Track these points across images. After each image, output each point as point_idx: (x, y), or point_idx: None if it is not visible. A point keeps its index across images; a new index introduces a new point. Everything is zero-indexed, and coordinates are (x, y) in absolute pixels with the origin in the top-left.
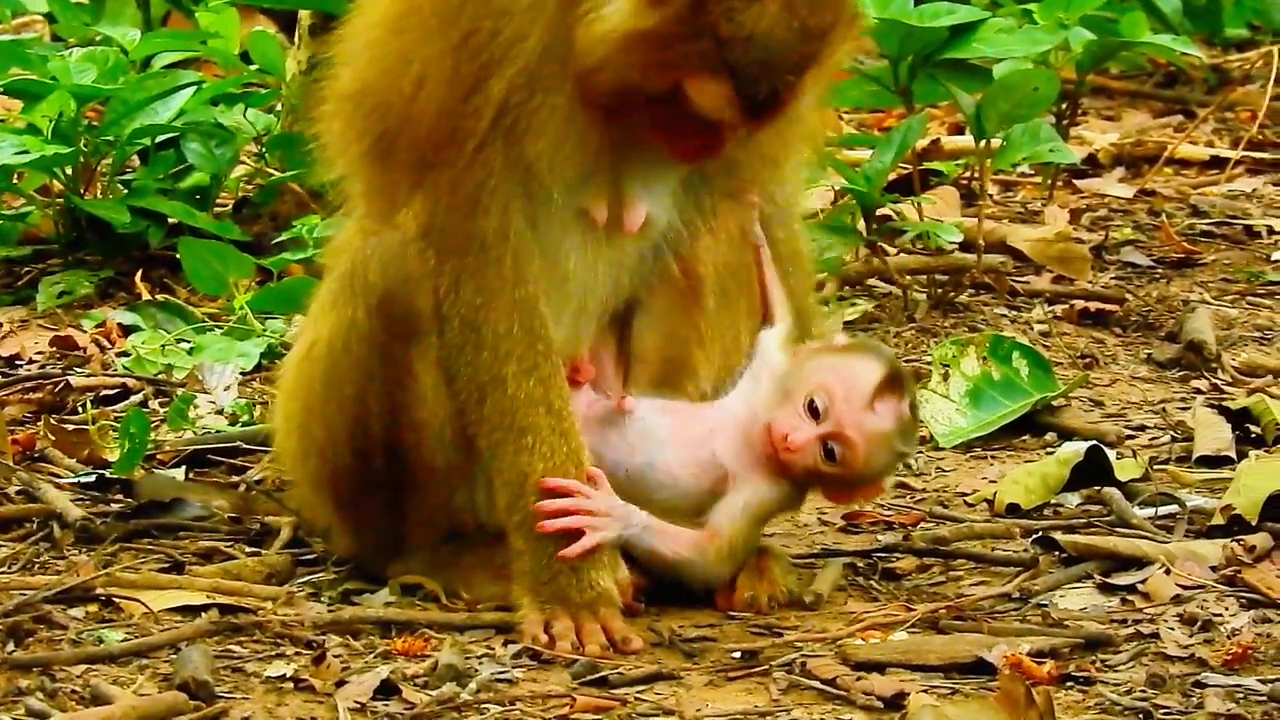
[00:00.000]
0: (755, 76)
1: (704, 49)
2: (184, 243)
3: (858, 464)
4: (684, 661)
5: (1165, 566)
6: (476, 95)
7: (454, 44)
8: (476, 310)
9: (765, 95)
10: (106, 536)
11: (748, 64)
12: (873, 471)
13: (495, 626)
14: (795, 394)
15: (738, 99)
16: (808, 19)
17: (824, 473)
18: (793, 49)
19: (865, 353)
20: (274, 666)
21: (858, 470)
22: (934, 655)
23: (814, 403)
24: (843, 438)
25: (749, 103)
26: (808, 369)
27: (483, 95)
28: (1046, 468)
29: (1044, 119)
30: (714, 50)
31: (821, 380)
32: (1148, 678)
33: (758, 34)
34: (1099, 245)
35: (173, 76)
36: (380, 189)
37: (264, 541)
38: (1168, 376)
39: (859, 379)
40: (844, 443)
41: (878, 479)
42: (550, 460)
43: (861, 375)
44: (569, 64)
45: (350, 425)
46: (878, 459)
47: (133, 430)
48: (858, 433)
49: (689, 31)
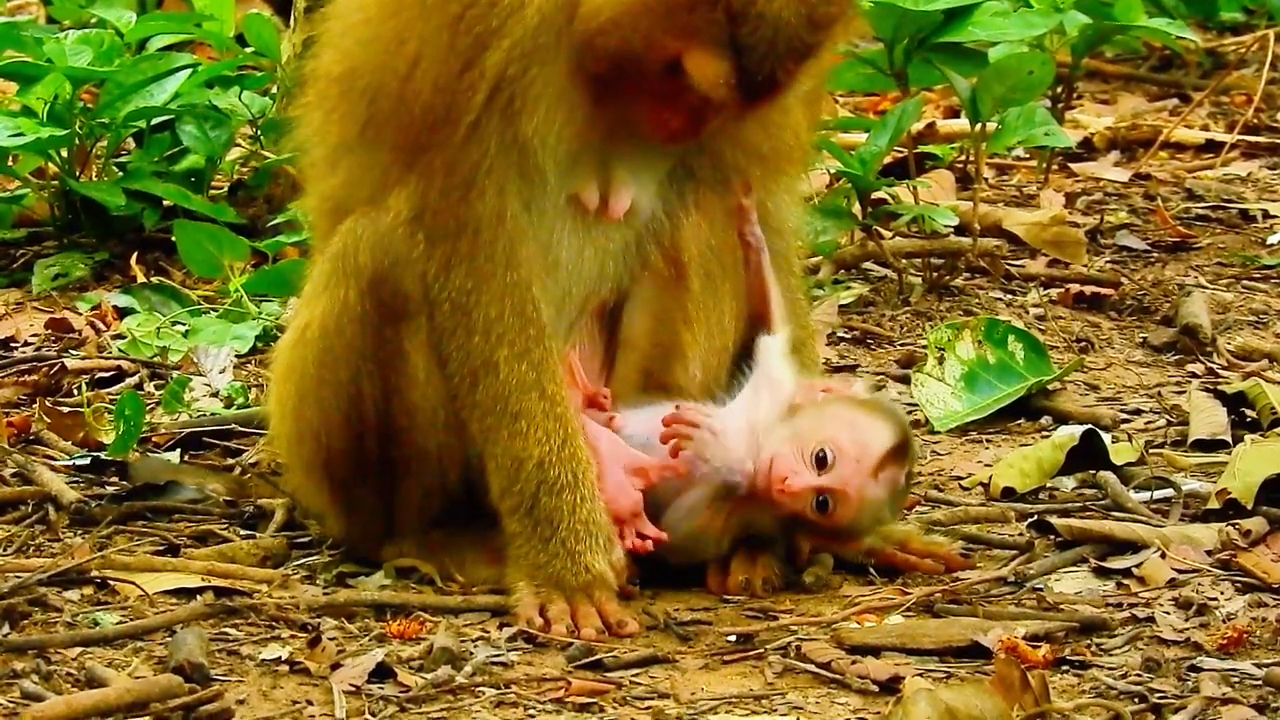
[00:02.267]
0: (758, 57)
1: (713, 21)
2: (179, 225)
3: (845, 521)
4: (679, 645)
5: (1160, 550)
6: (472, 70)
7: (451, 17)
8: (467, 294)
9: (764, 78)
10: (101, 519)
11: (753, 43)
12: (853, 529)
13: (490, 609)
14: (805, 438)
15: (735, 78)
16: (816, 7)
17: (809, 519)
18: (798, 35)
19: (882, 416)
20: (269, 649)
21: (841, 525)
22: (929, 639)
23: (822, 453)
24: (840, 494)
25: (746, 83)
26: (823, 416)
27: (478, 69)
28: (1042, 451)
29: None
30: (723, 24)
31: (834, 434)
32: (1143, 661)
33: (768, 14)
34: (1094, 229)
35: (168, 59)
36: (370, 171)
37: (259, 524)
38: (1163, 360)
39: (871, 442)
40: (839, 500)
41: (857, 537)
42: (545, 445)
43: (874, 439)
44: (565, 36)
45: (344, 408)
46: (864, 520)
47: (128, 413)
48: (856, 493)
49: (701, 2)
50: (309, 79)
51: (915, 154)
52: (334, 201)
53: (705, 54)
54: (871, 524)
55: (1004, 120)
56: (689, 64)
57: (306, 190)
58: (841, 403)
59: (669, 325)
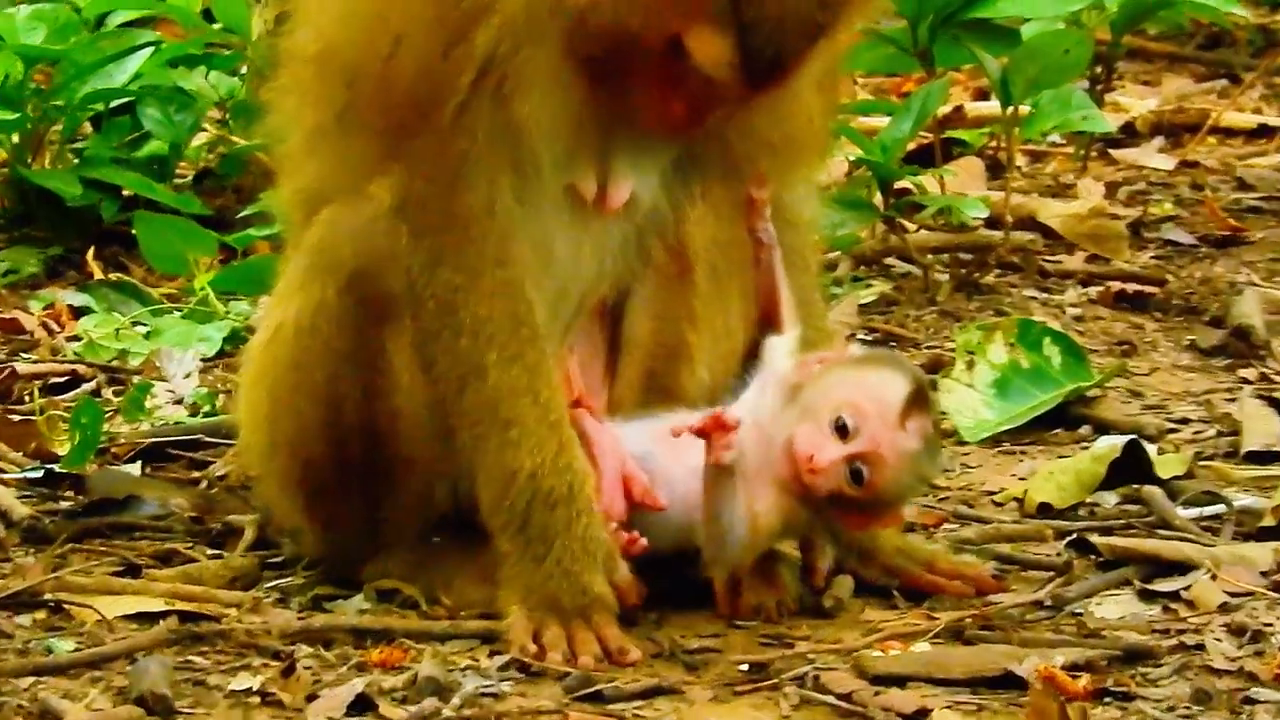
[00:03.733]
0: (764, 35)
1: None
2: (140, 217)
3: (884, 486)
4: (686, 674)
5: (1211, 572)
6: (459, 48)
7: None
8: (454, 292)
9: (769, 59)
10: (55, 537)
11: (758, 20)
12: (896, 494)
13: (480, 635)
14: (818, 411)
15: (739, 58)
16: None
17: (846, 496)
18: (808, 13)
19: (888, 366)
20: (238, 679)
21: (882, 493)
22: (959, 668)
23: (842, 421)
24: (874, 457)
25: (751, 64)
26: (828, 384)
27: (466, 48)
28: (1081, 464)
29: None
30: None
31: (847, 397)
32: (1192, 693)
33: None
34: (1136, 221)
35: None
36: (349, 159)
37: (227, 543)
38: (1212, 365)
39: (887, 395)
40: (873, 463)
41: (899, 503)
42: (538, 455)
43: (889, 390)
44: (559, 14)
45: (321, 415)
46: (903, 481)
47: (84, 421)
48: (890, 450)
49: None
50: (283, 59)
51: (941, 140)
52: (310, 192)
53: (708, 31)
54: (915, 483)
55: (1038, 103)
56: (690, 42)
57: (280, 181)
58: (842, 366)
59: (673, 325)
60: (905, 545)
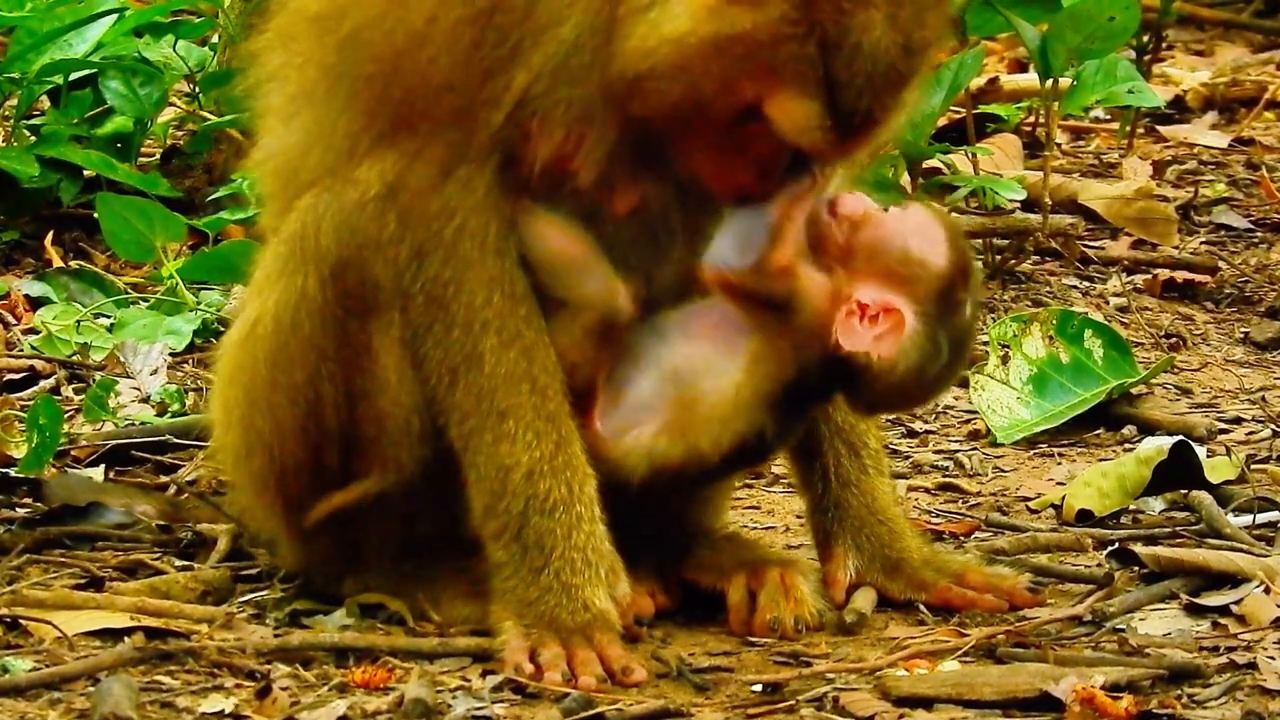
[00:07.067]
0: (854, 93)
1: (803, 56)
2: (102, 199)
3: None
4: (695, 696)
5: (1264, 584)
6: (495, 81)
7: (478, 10)
8: (444, 286)
9: (861, 116)
10: (11, 547)
11: (849, 77)
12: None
13: (471, 654)
14: None
15: (829, 120)
16: (912, 33)
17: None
18: (895, 64)
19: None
20: (210, 701)
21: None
22: (990, 689)
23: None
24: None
25: (843, 125)
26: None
27: (503, 82)
28: (1124, 468)
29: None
30: (815, 59)
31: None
32: (1243, 715)
33: (866, 43)
34: (1186, 204)
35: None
36: (334, 133)
37: (198, 554)
38: (1267, 359)
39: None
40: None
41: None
42: (536, 450)
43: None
44: (602, 58)
45: (301, 416)
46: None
47: (42, 421)
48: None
49: (791, 35)
50: (273, 8)
51: (975, 115)
52: (285, 160)
53: (792, 95)
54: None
55: (1080, 75)
56: (772, 109)
57: (255, 146)
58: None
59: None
60: (933, 556)
